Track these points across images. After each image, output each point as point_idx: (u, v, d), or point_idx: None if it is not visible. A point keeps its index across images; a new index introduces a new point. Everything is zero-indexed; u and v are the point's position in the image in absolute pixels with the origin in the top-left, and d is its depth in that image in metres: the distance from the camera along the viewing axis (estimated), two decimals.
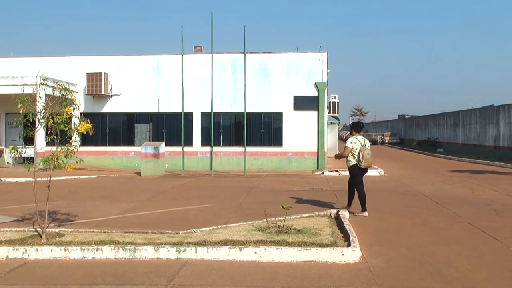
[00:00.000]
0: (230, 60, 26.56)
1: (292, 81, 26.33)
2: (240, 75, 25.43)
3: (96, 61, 27.38)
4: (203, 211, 12.54)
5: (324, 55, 26.34)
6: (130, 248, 8.30)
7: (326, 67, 26.43)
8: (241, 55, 25.27)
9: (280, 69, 26.47)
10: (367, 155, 11.92)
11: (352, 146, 12.04)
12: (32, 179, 9.92)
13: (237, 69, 26.17)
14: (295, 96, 26.28)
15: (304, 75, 26.26)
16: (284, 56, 26.72)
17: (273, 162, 26.37)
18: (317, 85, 26.00)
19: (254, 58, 26.26)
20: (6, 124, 28.05)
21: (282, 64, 26.50)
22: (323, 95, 26.15)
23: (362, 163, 11.95)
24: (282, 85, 26.37)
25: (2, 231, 9.80)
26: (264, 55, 26.72)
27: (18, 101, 8.93)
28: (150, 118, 27.27)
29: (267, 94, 26.43)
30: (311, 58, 26.40)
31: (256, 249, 8.08)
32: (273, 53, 26.88)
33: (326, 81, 26.23)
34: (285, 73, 26.42)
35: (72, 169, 9.11)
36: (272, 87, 26.44)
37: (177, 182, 20.01)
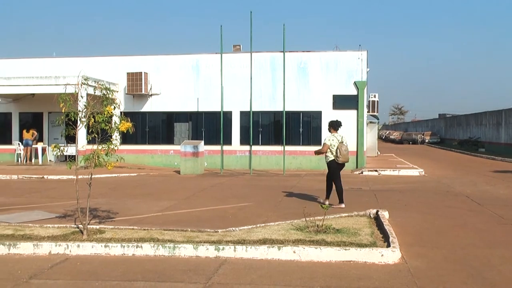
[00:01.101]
0: (269, 59, 26.55)
1: (331, 80, 26.19)
2: (279, 74, 25.41)
3: (136, 61, 27.70)
4: (242, 210, 12.59)
5: (364, 54, 26.13)
6: (170, 245, 8.39)
7: (366, 66, 26.21)
8: (280, 54, 25.25)
9: (319, 68, 26.36)
10: (344, 151, 12.94)
11: (330, 143, 13.08)
12: (73, 176, 10.13)
13: (276, 68, 26.15)
14: (334, 95, 26.13)
15: (344, 74, 26.10)
16: (324, 55, 26.59)
17: (312, 161, 26.27)
18: (356, 84, 25.82)
19: (293, 57, 26.20)
20: (49, 122, 28.60)
21: (321, 63, 26.39)
22: (362, 94, 25.95)
23: (339, 158, 12.99)
24: (321, 84, 26.25)
25: (45, 227, 10.02)
26: (303, 54, 26.64)
27: (61, 101, 9.10)
28: (190, 117, 27.46)
29: (306, 93, 26.36)
30: (351, 56, 26.22)
31: (295, 248, 8.08)
32: (312, 52, 26.78)
33: (365, 79, 26.03)
34: (324, 72, 26.30)
35: (112, 167, 9.26)
36: (311, 86, 26.35)
37: (216, 180, 20.12)
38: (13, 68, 28.32)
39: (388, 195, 15.43)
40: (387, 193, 15.95)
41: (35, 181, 20.44)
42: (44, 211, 12.27)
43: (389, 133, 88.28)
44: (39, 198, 15.28)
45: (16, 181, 20.85)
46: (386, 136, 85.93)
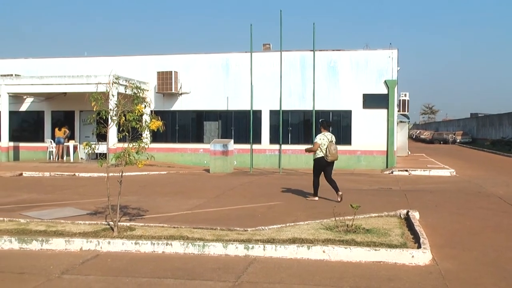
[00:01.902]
0: (299, 58, 26.49)
1: (361, 78, 26.03)
2: (309, 73, 25.33)
3: (166, 60, 27.88)
4: (271, 209, 12.59)
5: (394, 52, 25.91)
6: (199, 243, 8.43)
7: (396, 65, 25.99)
8: (310, 53, 25.18)
9: (349, 67, 26.22)
10: (333, 150, 13.71)
11: (321, 142, 13.83)
12: (104, 174, 10.22)
13: (306, 67, 26.08)
14: (364, 94, 25.97)
15: (374, 73, 25.92)
16: (353, 53, 26.44)
17: (341, 161, 26.01)
18: (387, 82, 25.62)
19: (323, 55, 26.10)
20: (80, 121, 28.95)
21: (351, 62, 26.24)
22: (393, 93, 25.73)
23: (328, 157, 13.71)
24: (351, 83, 26.11)
25: (76, 224, 10.15)
26: (333, 53, 26.52)
27: (92, 99, 9.20)
28: (219, 116, 27.55)
29: (335, 92, 26.24)
30: (381, 55, 26.03)
31: (324, 248, 8.05)
32: (342, 50, 26.65)
33: (396, 78, 25.81)
34: (354, 71, 26.15)
35: (143, 165, 9.33)
36: (341, 85, 26.22)
37: (245, 179, 20.15)
38: (46, 68, 28.74)
39: (419, 196, 15.28)
40: (417, 193, 15.80)
41: (66, 178, 20.72)
42: (75, 208, 12.43)
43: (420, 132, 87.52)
44: (70, 195, 15.48)
45: (48, 178, 21.16)
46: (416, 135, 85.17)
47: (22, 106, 29.70)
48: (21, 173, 22.30)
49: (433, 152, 41.24)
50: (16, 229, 9.73)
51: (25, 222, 10.41)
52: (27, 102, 29.67)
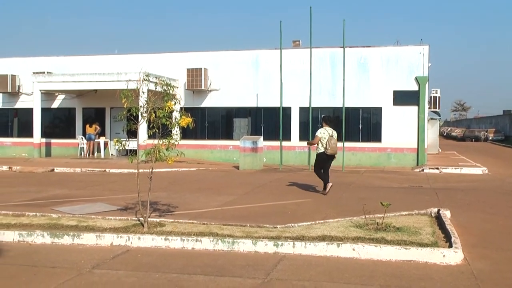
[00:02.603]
0: (328, 54, 26.36)
1: (392, 75, 25.79)
2: (339, 70, 25.18)
3: (196, 57, 27.96)
4: (300, 206, 12.55)
5: (426, 48, 25.61)
6: (229, 240, 8.44)
7: (428, 61, 25.69)
8: (339, 50, 25.03)
9: (380, 63, 26.00)
10: (333, 144, 14.25)
11: (321, 136, 14.40)
12: (134, 170, 10.29)
13: (336, 64, 25.93)
14: (394, 91, 25.72)
15: (404, 69, 25.66)
16: (384, 50, 26.20)
17: (371, 158, 25.99)
18: (417, 79, 25.35)
19: (353, 52, 25.92)
20: (111, 118, 29.22)
21: (381, 58, 26.02)
22: (423, 89, 25.45)
23: (328, 150, 14.28)
24: (381, 80, 25.89)
25: (107, 219, 10.25)
26: (363, 49, 26.32)
27: (123, 96, 9.27)
28: (249, 113, 27.55)
29: (365, 88, 26.04)
30: (412, 51, 25.75)
31: (354, 245, 8.00)
32: (372, 47, 26.43)
33: (427, 75, 25.51)
34: (384, 67, 25.92)
35: (173, 161, 9.37)
36: (371, 81, 26.02)
37: (274, 176, 20.13)
38: (77, 65, 29.10)
39: (450, 194, 15.10)
40: (448, 192, 15.61)
41: (97, 174, 20.95)
42: (106, 204, 12.55)
43: (451, 130, 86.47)
44: (101, 190, 15.64)
45: (79, 174, 21.42)
46: (447, 133, 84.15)
47: (54, 103, 30.10)
48: (53, 168, 22.61)
49: (465, 150, 40.70)
50: (48, 224, 9.88)
51: (57, 217, 10.55)
52: (59, 99, 30.06)
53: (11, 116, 31.18)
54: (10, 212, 10.97)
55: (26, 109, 29.71)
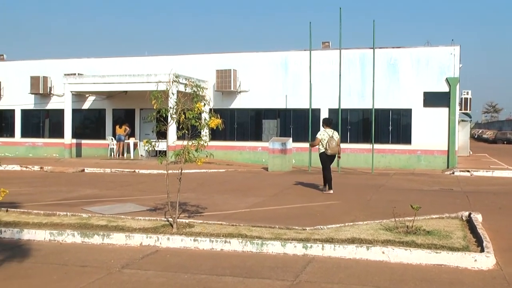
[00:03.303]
0: (358, 55, 26.22)
1: (422, 76, 25.54)
2: (368, 71, 24.99)
3: (225, 58, 28.03)
4: (329, 208, 12.49)
5: (457, 49, 25.30)
6: (258, 242, 8.44)
7: (459, 62, 25.37)
8: (369, 51, 24.84)
9: (410, 64, 25.77)
10: (332, 145, 15.04)
11: (321, 137, 15.21)
12: (163, 171, 10.36)
13: (365, 65, 25.77)
14: (425, 92, 25.46)
15: (435, 70, 25.38)
16: (414, 50, 25.96)
17: (401, 160, 25.76)
18: (448, 80, 25.05)
19: (383, 53, 25.71)
20: (140, 119, 29.45)
21: (411, 59, 25.78)
22: (454, 91, 25.15)
23: (328, 151, 15.09)
24: (411, 81, 25.65)
25: (136, 219, 10.33)
26: (393, 50, 26.12)
27: (153, 97, 9.34)
28: (278, 114, 27.53)
29: (395, 90, 25.83)
30: (443, 52, 25.46)
31: (384, 249, 7.93)
32: (402, 47, 26.21)
33: (458, 76, 25.21)
34: (414, 68, 25.68)
35: (202, 163, 9.40)
36: (401, 83, 25.80)
37: (303, 178, 20.07)
38: (107, 67, 29.40)
39: (481, 197, 14.87)
40: (480, 195, 15.38)
41: (127, 175, 21.12)
42: (135, 204, 12.64)
43: (482, 132, 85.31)
44: (130, 191, 15.76)
45: (109, 174, 21.62)
46: (478, 135, 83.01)
47: (85, 104, 30.45)
48: (83, 169, 22.87)
49: (496, 152, 40.06)
50: (78, 223, 9.99)
51: (87, 216, 10.66)
52: (89, 100, 30.40)
53: (43, 117, 31.65)
54: (42, 212, 11.12)
55: (57, 110, 30.14)
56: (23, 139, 31.80)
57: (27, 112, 31.81)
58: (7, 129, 32.34)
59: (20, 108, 31.68)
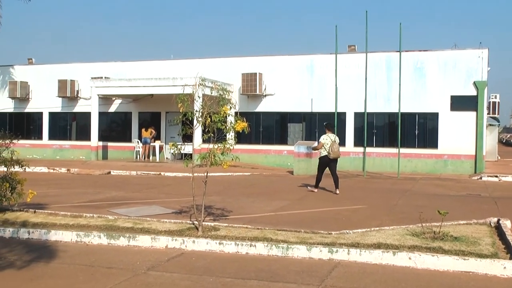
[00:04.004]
0: (384, 59, 26.05)
1: (449, 80, 25.26)
2: (394, 75, 24.79)
3: (251, 62, 28.04)
4: (355, 212, 12.40)
5: (485, 52, 24.98)
6: (283, 246, 8.42)
7: (487, 65, 25.04)
8: (395, 54, 24.64)
9: (437, 68, 25.51)
10: (335, 149, 15.73)
11: (324, 142, 15.88)
12: (188, 174, 10.37)
13: (392, 68, 25.58)
14: (452, 96, 25.18)
15: (462, 74, 25.09)
16: (441, 54, 25.70)
17: (427, 165, 25.50)
18: (476, 84, 24.76)
19: (409, 56, 25.49)
20: (166, 122, 29.59)
21: (438, 62, 25.53)
22: (482, 94, 24.83)
23: (331, 154, 15.76)
24: (438, 85, 25.39)
25: (161, 222, 10.37)
26: (420, 53, 25.88)
27: (179, 101, 9.38)
28: (303, 118, 27.45)
29: (422, 94, 25.60)
30: (470, 55, 25.16)
31: (410, 254, 7.85)
32: (429, 51, 25.97)
33: (486, 79, 24.89)
34: (441, 72, 25.42)
35: (228, 166, 9.41)
36: (428, 86, 25.55)
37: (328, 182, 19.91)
38: (133, 70, 29.60)
39: (510, 203, 14.63)
40: (509, 201, 15.14)
41: (152, 178, 21.24)
42: (161, 207, 12.69)
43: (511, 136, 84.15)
44: (156, 193, 15.85)
45: (135, 177, 21.76)
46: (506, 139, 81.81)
47: (111, 107, 30.70)
48: (109, 171, 23.05)
49: None
50: (104, 225, 10.07)
51: (113, 218, 10.74)
52: (116, 103, 30.64)
53: (70, 119, 31.97)
54: (69, 213, 11.24)
55: (84, 113, 30.44)
56: (51, 141, 32.17)
57: (54, 115, 32.18)
58: (35, 132, 32.74)
59: (48, 111, 32.07)
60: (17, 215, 11.07)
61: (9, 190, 10.73)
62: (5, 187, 10.67)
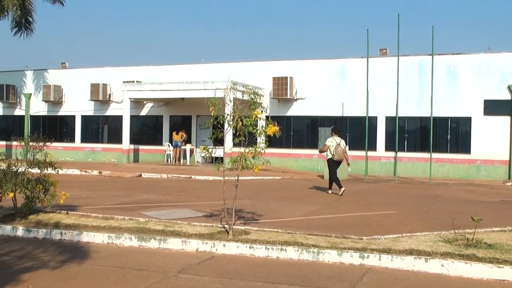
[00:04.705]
0: (416, 62, 25.81)
1: (482, 84, 24.90)
2: (426, 78, 24.55)
3: (282, 66, 28.04)
4: (386, 218, 12.27)
5: None
6: (314, 250, 8.38)
7: None
8: (428, 57, 24.39)
9: (470, 71, 25.17)
10: (339, 151, 16.37)
11: (330, 144, 16.53)
12: (219, 177, 10.39)
13: (423, 72, 25.33)
14: (485, 100, 24.82)
15: (496, 77, 24.71)
16: (474, 57, 25.35)
17: (459, 170, 25.16)
18: (510, 88, 24.34)
19: (442, 60, 25.21)
20: (197, 125, 29.73)
21: (471, 66, 25.19)
22: None
23: (335, 156, 16.46)
24: (471, 89, 25.05)
25: (192, 225, 10.39)
26: (453, 57, 25.58)
27: (210, 104, 9.40)
28: (334, 122, 27.31)
29: (454, 98, 25.28)
30: (504, 58, 24.77)
31: (443, 261, 7.74)
32: (462, 54, 25.64)
33: None
34: (474, 76, 25.07)
35: (259, 170, 9.39)
36: (460, 90, 25.22)
37: (360, 186, 19.85)
38: (165, 74, 29.85)
39: None
40: None
41: (183, 181, 21.34)
42: (191, 210, 12.71)
43: None
44: (186, 197, 15.89)
45: (166, 180, 21.89)
46: None
47: (142, 110, 30.98)
48: (140, 174, 23.25)
49: None
50: (135, 227, 10.14)
51: (144, 221, 10.80)
52: (147, 107, 30.91)
53: (102, 123, 32.37)
54: (100, 215, 11.34)
55: (115, 117, 30.77)
56: (83, 144, 32.60)
57: (87, 118, 32.61)
58: (68, 135, 33.20)
59: (80, 114, 32.51)
60: (50, 216, 11.22)
61: (42, 192, 10.88)
62: (38, 188, 10.84)
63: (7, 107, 34.40)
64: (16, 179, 10.55)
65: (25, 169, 11.02)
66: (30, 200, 11.01)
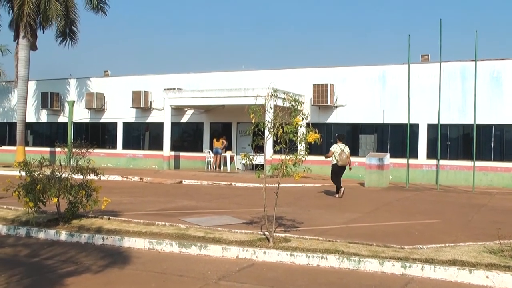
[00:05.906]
0: (459, 68, 25.37)
1: None
2: (469, 85, 24.13)
3: (322, 73, 27.91)
4: (428, 227, 12.08)
5: None
6: (355, 259, 8.30)
7: None
8: (471, 63, 23.98)
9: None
10: (342, 157, 17.53)
11: (334, 150, 17.75)
12: (259, 185, 10.39)
13: (466, 78, 24.90)
14: None
15: None
16: None
17: (504, 179, 24.60)
18: None
19: (485, 65, 24.73)
20: (237, 132, 29.80)
21: None
22: None
23: (339, 162, 17.61)
24: None
25: (232, 232, 10.40)
26: (497, 62, 25.05)
27: (251, 111, 9.41)
28: (375, 129, 27.08)
29: (498, 104, 24.74)
30: None
31: (488, 273, 7.56)
32: (506, 59, 25.04)
33: None
34: None
35: (299, 177, 9.36)
36: (505, 96, 24.65)
37: (401, 195, 19.60)
38: (205, 81, 30.00)
39: None
40: None
41: (223, 188, 21.40)
42: (231, 217, 12.73)
43: None
44: (227, 203, 15.93)
45: (206, 186, 21.99)
46: None
47: (183, 117, 31.22)
48: (181, 180, 23.40)
49: None
50: (176, 233, 10.20)
51: (185, 227, 10.86)
52: (188, 114, 31.13)
53: (143, 130, 32.75)
54: (141, 221, 11.45)
55: (156, 124, 31.08)
56: (124, 150, 33.02)
57: (128, 125, 33.04)
58: (110, 141, 33.70)
59: (122, 121, 32.96)
60: (92, 221, 11.38)
61: (85, 197, 11.08)
62: (81, 194, 11.02)
63: (51, 114, 35.13)
64: (60, 184, 10.76)
65: (68, 175, 11.22)
66: (73, 205, 11.22)
